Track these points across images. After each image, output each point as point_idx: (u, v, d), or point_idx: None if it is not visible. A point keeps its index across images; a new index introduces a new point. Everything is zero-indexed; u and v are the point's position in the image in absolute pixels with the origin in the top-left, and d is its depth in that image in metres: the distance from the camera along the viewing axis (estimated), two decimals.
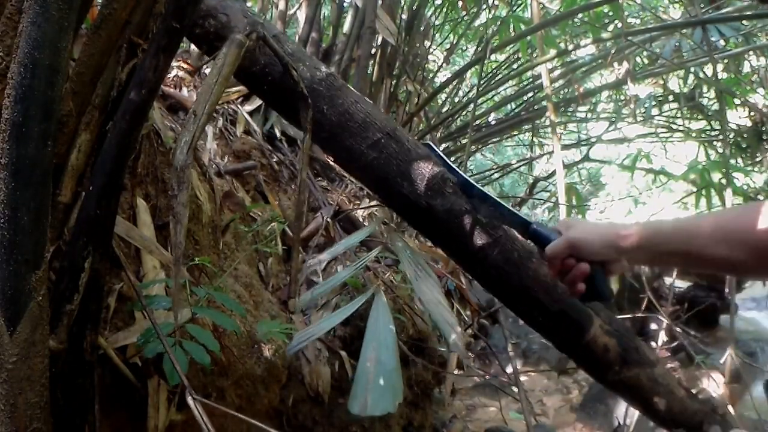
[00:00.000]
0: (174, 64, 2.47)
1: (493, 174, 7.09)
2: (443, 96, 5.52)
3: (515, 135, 6.84)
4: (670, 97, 5.04)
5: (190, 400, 0.84)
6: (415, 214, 1.11)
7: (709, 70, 4.10)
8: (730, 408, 2.52)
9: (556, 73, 4.73)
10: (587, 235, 0.95)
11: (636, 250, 0.92)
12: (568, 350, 1.18)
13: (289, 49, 1.07)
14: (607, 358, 1.13)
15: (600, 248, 0.94)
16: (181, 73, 2.47)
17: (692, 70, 3.97)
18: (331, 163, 2.85)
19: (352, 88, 1.15)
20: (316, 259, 2.02)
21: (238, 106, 2.63)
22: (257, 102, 2.69)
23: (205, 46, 1.12)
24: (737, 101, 3.95)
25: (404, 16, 4.25)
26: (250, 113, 2.65)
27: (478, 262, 1.12)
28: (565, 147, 5.78)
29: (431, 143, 1.17)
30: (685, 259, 0.90)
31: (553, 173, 4.50)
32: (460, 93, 5.96)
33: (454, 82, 5.05)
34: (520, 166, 7.32)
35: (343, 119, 1.08)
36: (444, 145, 5.41)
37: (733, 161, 4.31)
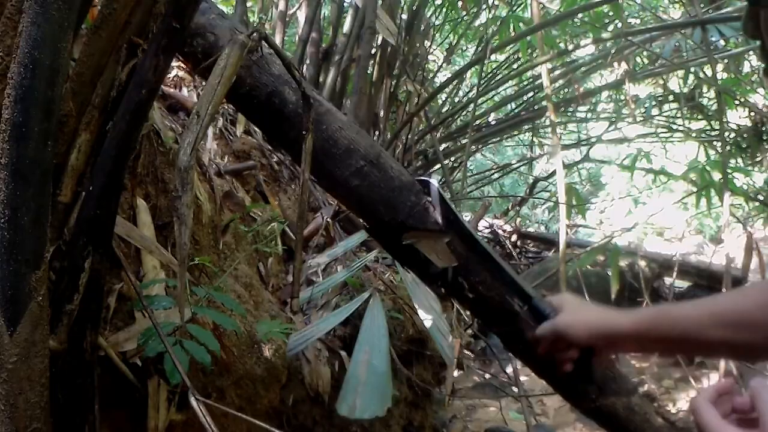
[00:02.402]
0: (174, 64, 2.47)
1: (493, 174, 7.08)
2: (443, 96, 5.52)
3: (515, 135, 6.84)
4: (670, 97, 5.04)
5: (193, 401, 0.84)
6: (395, 243, 1.10)
7: (709, 70, 4.11)
8: None
9: (556, 73, 4.72)
10: (575, 324, 0.96)
11: (627, 340, 0.92)
12: (545, 377, 1.19)
13: (276, 71, 1.06)
14: (583, 386, 1.13)
15: (587, 339, 0.95)
16: (181, 73, 2.47)
17: (692, 70, 3.97)
18: None
19: (338, 112, 1.14)
20: (315, 261, 2.02)
21: None
22: None
23: (192, 65, 1.11)
24: (737, 101, 3.95)
25: (404, 16, 4.25)
26: None
27: (458, 289, 1.12)
28: (565, 147, 5.78)
29: (431, 181, 1.12)
30: (681, 345, 0.90)
31: (553, 173, 4.50)
32: (460, 93, 5.96)
33: (454, 82, 5.05)
34: (520, 166, 7.32)
35: (326, 145, 1.07)
36: (444, 145, 5.41)
37: (733, 161, 4.31)
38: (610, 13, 3.92)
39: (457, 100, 5.80)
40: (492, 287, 1.12)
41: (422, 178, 1.14)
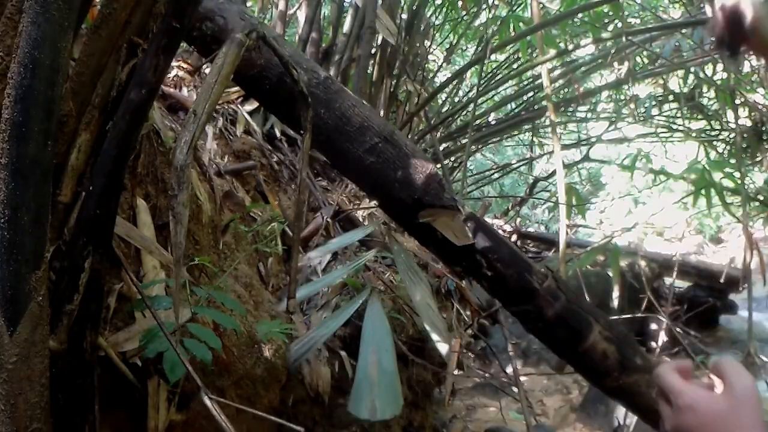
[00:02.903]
0: (174, 64, 2.47)
1: (493, 174, 7.08)
2: (443, 96, 5.52)
3: (515, 135, 6.84)
4: (670, 97, 5.04)
5: (206, 400, 0.84)
6: (411, 219, 1.10)
7: (709, 70, 4.11)
8: None
9: (556, 73, 4.72)
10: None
11: None
12: (566, 356, 1.18)
13: (287, 52, 1.07)
14: (605, 364, 1.12)
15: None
16: (181, 73, 2.47)
17: (692, 70, 3.97)
18: None
19: (350, 92, 1.14)
20: (306, 258, 2.00)
21: (238, 106, 2.63)
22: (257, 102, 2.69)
23: (202, 48, 1.12)
24: (737, 101, 3.94)
25: (404, 16, 4.25)
26: (250, 113, 2.65)
27: (476, 267, 1.11)
28: (565, 147, 5.78)
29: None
30: None
31: (553, 173, 4.50)
32: (460, 93, 5.95)
33: (454, 82, 5.05)
34: (520, 166, 7.31)
35: (340, 123, 1.07)
36: (444, 145, 5.41)
37: (732, 161, 4.30)
38: (610, 13, 3.92)
39: (457, 100, 5.79)
40: (510, 264, 1.11)
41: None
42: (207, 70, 2.58)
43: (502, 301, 1.20)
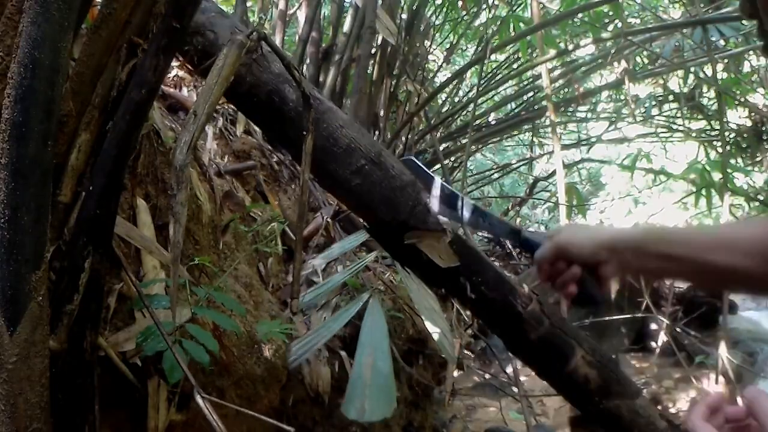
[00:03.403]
0: (174, 64, 2.47)
1: (493, 174, 7.09)
2: (443, 96, 5.52)
3: (515, 135, 6.84)
4: (670, 97, 5.05)
5: (198, 399, 0.84)
6: (396, 242, 1.10)
7: (709, 70, 4.11)
8: None
9: (556, 73, 4.73)
10: (576, 237, 0.94)
11: (629, 251, 0.90)
12: (550, 379, 1.18)
13: (276, 69, 1.06)
14: (587, 389, 1.12)
15: (591, 248, 0.91)
16: (181, 73, 2.47)
17: (692, 70, 3.97)
18: None
19: (339, 110, 1.13)
20: (310, 263, 2.01)
21: None
22: None
23: (191, 63, 1.11)
24: (737, 101, 3.95)
25: (404, 16, 4.25)
26: None
27: (460, 290, 1.12)
28: (565, 147, 5.78)
29: (413, 158, 1.13)
30: (680, 265, 0.87)
31: (553, 173, 4.50)
32: (460, 93, 5.96)
33: (454, 82, 5.05)
34: (520, 166, 7.32)
35: (327, 144, 1.06)
36: (444, 145, 5.41)
37: (732, 161, 4.31)
38: (610, 13, 3.92)
39: (457, 100, 5.80)
40: (495, 288, 1.11)
41: (404, 158, 1.13)
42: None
43: (486, 323, 1.20)
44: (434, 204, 1.09)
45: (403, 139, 4.50)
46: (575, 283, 0.94)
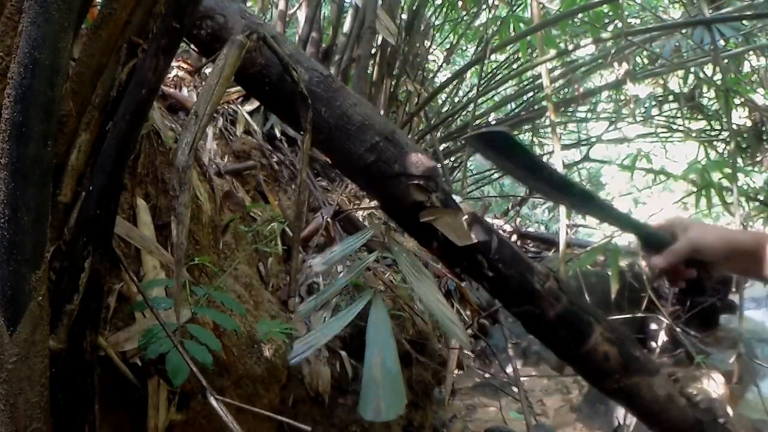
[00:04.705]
0: (174, 64, 2.47)
1: (493, 174, 7.08)
2: (443, 96, 5.52)
3: (515, 135, 6.84)
4: (670, 97, 5.04)
5: (213, 401, 0.85)
6: (411, 219, 1.09)
7: (709, 70, 4.11)
8: (729, 410, 2.52)
9: (556, 73, 4.72)
10: (709, 238, 0.97)
11: (747, 255, 0.95)
12: (567, 358, 1.17)
13: (287, 51, 1.06)
14: (607, 366, 1.11)
15: (723, 250, 0.96)
16: (181, 73, 2.47)
17: (692, 70, 3.97)
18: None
19: (351, 90, 1.13)
20: (310, 266, 2.01)
21: (238, 106, 2.63)
22: (257, 102, 2.69)
23: (201, 47, 1.11)
24: (737, 101, 3.95)
25: (404, 16, 4.25)
26: (250, 113, 2.65)
27: (477, 267, 1.11)
28: (565, 147, 5.78)
29: (505, 131, 1.04)
30: None
31: None
32: (460, 93, 5.95)
33: (454, 82, 5.05)
34: None
35: (341, 122, 1.06)
36: (444, 145, 5.41)
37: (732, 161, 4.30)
38: (610, 13, 3.92)
39: (457, 100, 5.79)
40: (512, 265, 1.10)
41: (494, 129, 1.06)
42: (207, 71, 2.58)
43: (503, 301, 1.19)
44: (541, 188, 1.05)
45: None
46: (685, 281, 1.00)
